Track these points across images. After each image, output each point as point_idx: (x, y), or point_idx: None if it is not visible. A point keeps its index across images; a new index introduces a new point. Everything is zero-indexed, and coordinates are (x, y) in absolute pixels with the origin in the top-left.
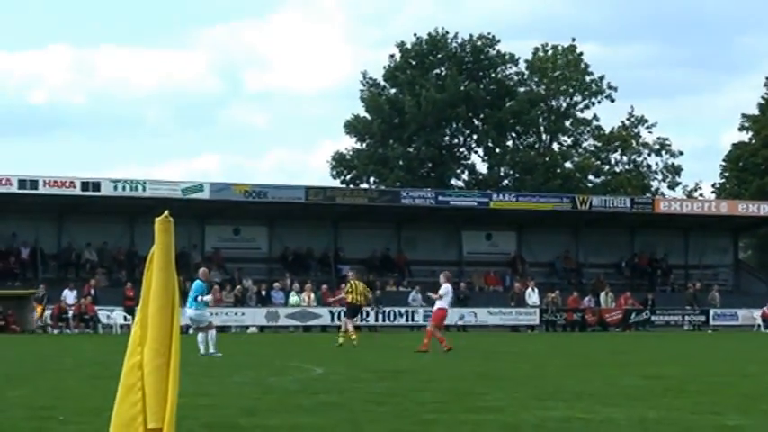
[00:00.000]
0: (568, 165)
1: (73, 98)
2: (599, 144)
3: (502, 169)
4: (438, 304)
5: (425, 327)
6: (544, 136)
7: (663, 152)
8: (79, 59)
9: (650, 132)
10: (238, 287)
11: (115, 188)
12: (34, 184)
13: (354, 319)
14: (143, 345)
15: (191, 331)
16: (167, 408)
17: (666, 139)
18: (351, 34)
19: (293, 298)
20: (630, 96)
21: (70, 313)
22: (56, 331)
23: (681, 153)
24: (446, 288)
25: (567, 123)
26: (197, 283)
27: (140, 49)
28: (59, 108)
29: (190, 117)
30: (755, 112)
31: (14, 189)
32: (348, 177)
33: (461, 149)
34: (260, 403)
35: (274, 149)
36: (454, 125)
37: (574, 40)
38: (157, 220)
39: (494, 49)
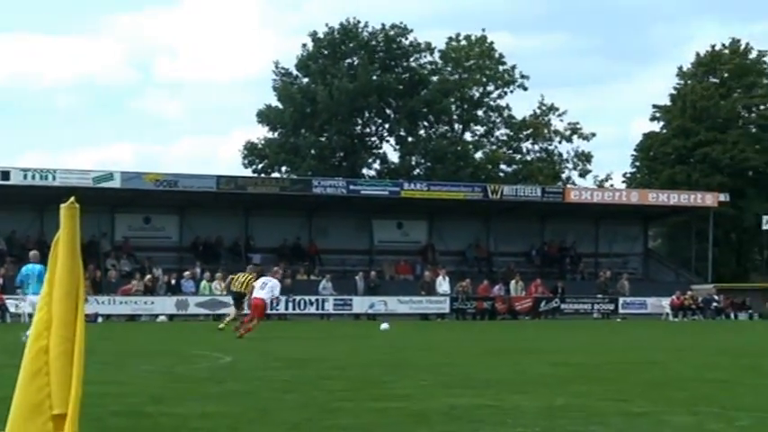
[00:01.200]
0: (480, 155)
1: None
2: (511, 133)
3: (413, 158)
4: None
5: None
6: (456, 125)
7: (574, 137)
8: None
9: (561, 120)
10: (148, 276)
11: (25, 177)
12: None
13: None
14: (49, 329)
15: (99, 320)
16: (72, 394)
17: (577, 123)
18: (263, 23)
19: (204, 287)
20: (542, 86)
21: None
22: None
23: (593, 135)
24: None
25: (480, 113)
26: (37, 267)
27: (52, 36)
28: None
29: (101, 106)
30: (667, 102)
31: None
32: (260, 166)
33: (373, 139)
34: (168, 391)
35: (186, 138)
36: (366, 114)
37: (484, 30)
38: (63, 206)
39: (406, 39)
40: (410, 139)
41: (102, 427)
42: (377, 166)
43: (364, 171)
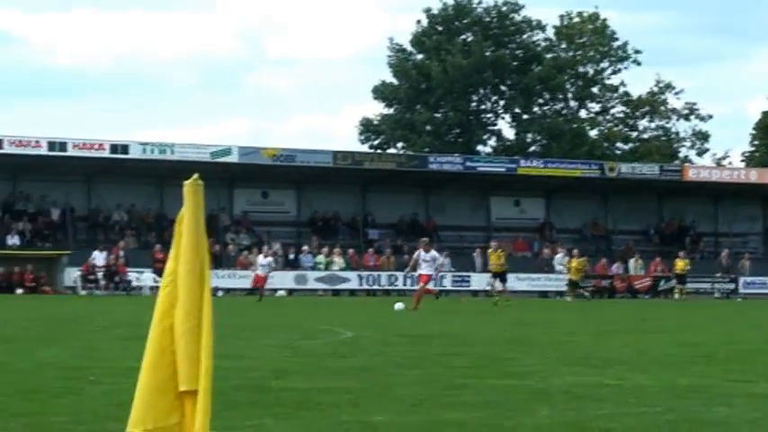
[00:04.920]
0: (595, 132)
1: (99, 62)
2: (627, 110)
3: (529, 135)
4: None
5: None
6: (572, 102)
7: (691, 117)
8: (105, 23)
9: (678, 99)
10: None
11: (144, 151)
12: (63, 146)
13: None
14: (174, 307)
15: (219, 294)
16: (202, 370)
17: (695, 104)
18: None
19: (321, 261)
20: (656, 64)
21: (100, 274)
22: (84, 292)
23: (710, 117)
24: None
25: (595, 90)
26: None
27: (167, 13)
28: (86, 72)
29: (216, 81)
30: None
31: (44, 151)
32: (376, 142)
33: (488, 115)
34: (290, 366)
35: (301, 114)
36: (481, 91)
37: (597, 7)
38: (186, 182)
39: (519, 15)
40: (525, 116)
41: (225, 402)
42: (492, 142)
43: (480, 148)
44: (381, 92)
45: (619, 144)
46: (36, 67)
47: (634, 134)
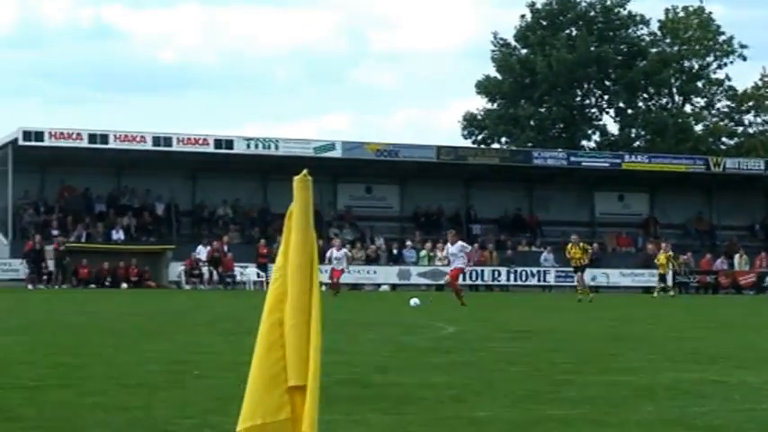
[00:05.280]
0: (700, 127)
1: (203, 57)
2: (732, 105)
3: (633, 130)
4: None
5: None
6: (676, 97)
7: None
8: (209, 18)
9: None
10: (372, 247)
11: (248, 146)
12: (168, 141)
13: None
14: (283, 302)
15: (323, 288)
16: (311, 365)
17: None
18: None
19: (424, 256)
20: (762, 59)
21: (204, 269)
22: (188, 287)
23: None
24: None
25: (700, 84)
26: None
27: (268, 8)
28: (190, 67)
29: (319, 76)
30: None
31: (149, 146)
32: (479, 137)
33: (592, 110)
34: (392, 361)
35: (404, 109)
36: (585, 86)
37: (702, 1)
38: (296, 178)
39: (624, 9)
40: (629, 110)
41: (329, 396)
42: (596, 137)
43: (583, 143)
44: (485, 87)
45: (724, 139)
46: (140, 63)
47: (739, 129)
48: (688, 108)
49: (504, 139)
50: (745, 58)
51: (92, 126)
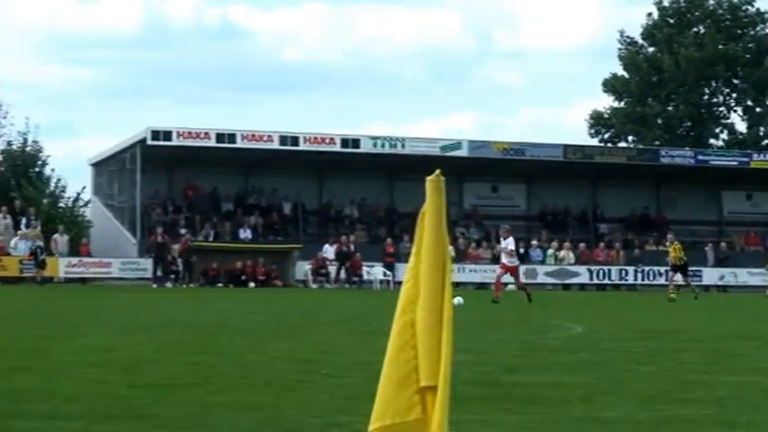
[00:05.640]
0: None
1: (329, 56)
2: None
3: (762, 129)
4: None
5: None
6: None
7: None
8: (335, 18)
9: None
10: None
11: (374, 145)
12: (295, 140)
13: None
14: (415, 303)
15: None
16: (442, 366)
17: None
18: None
19: (551, 256)
20: None
21: (332, 268)
22: (315, 285)
23: None
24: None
25: None
26: None
27: (394, 7)
28: (316, 66)
29: (444, 74)
30: None
31: (276, 146)
32: (606, 136)
33: (720, 108)
34: (520, 360)
35: (529, 107)
36: (713, 84)
37: None
38: (428, 178)
39: (752, 6)
40: (758, 109)
41: (456, 396)
42: (724, 136)
43: (711, 141)
44: (612, 85)
45: None
46: (267, 62)
47: None
48: None
49: (631, 138)
50: None
51: (218, 125)
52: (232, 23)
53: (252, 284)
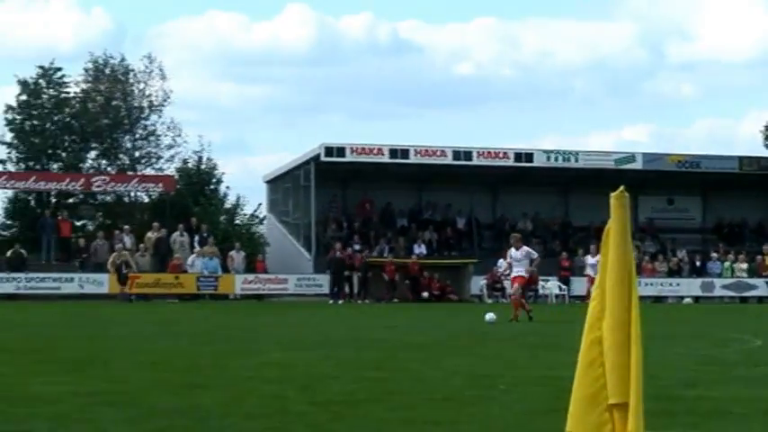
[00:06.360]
0: None
1: (500, 70)
2: None
3: None
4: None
5: None
6: None
7: None
8: (505, 32)
9: None
10: (674, 259)
11: (548, 159)
12: (468, 155)
13: None
14: (602, 320)
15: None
16: (632, 383)
17: None
18: None
19: (727, 268)
20: None
21: (506, 283)
22: (490, 300)
23: None
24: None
25: None
26: None
27: (565, 20)
28: (487, 80)
29: (617, 87)
30: None
31: (449, 160)
32: None
33: None
34: (700, 374)
35: (701, 119)
36: None
37: None
38: (613, 195)
39: None
40: None
41: None
42: None
43: None
44: None
45: None
46: (438, 77)
47: None
48: None
49: None
50: None
51: (390, 140)
52: (403, 39)
53: (425, 294)
